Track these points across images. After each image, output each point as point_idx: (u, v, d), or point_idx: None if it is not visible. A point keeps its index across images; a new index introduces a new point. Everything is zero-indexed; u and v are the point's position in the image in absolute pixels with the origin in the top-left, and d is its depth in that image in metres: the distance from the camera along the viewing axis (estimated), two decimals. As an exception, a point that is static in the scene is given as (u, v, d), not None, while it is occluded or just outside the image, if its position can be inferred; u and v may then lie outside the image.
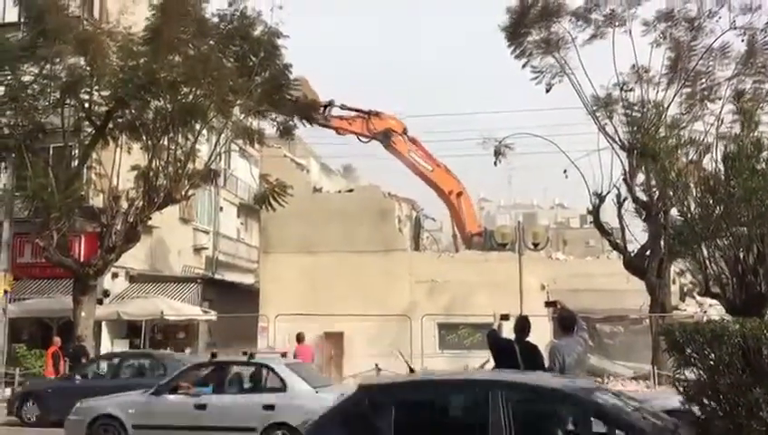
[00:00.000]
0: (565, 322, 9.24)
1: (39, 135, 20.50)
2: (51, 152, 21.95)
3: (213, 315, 24.84)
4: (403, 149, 27.92)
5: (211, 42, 20.10)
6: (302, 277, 24.66)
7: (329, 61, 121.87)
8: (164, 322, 23.61)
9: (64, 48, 19.14)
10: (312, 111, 25.38)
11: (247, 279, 32.50)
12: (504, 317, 10.01)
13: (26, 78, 20.21)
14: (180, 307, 24.03)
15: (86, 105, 20.24)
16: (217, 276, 31.04)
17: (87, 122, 20.70)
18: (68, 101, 20.32)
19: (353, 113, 27.76)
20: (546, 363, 8.97)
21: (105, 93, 19.82)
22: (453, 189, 28.75)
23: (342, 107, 27.44)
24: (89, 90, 19.87)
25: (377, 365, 18.78)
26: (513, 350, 8.98)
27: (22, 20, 21.14)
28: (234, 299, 26.72)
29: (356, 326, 23.23)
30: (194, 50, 19.70)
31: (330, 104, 26.81)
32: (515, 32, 21.95)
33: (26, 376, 20.34)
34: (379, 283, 24.46)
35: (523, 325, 9.34)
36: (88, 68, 19.39)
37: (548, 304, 12.74)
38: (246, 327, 24.08)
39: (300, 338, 17.62)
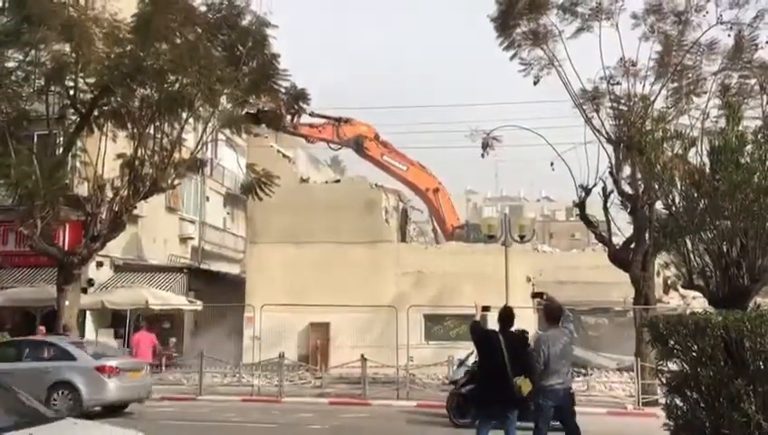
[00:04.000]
0: (551, 313, 9.32)
1: (23, 122, 20.27)
2: (35, 140, 21.72)
3: (198, 305, 24.77)
4: (376, 153, 28.05)
5: (199, 30, 19.94)
6: (288, 268, 24.64)
7: (316, 51, 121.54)
8: (149, 311, 23.53)
9: (49, 34, 18.88)
10: (278, 120, 25.25)
11: (233, 269, 32.43)
12: (486, 309, 10.06)
13: (10, 64, 19.98)
14: (165, 297, 23.95)
15: (71, 92, 20.03)
16: (203, 266, 30.95)
17: (72, 110, 20.50)
18: (53, 88, 20.11)
19: (323, 120, 27.76)
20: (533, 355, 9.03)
21: (90, 81, 19.63)
22: (429, 186, 28.91)
23: (312, 114, 27.34)
24: (74, 77, 19.65)
25: (363, 356, 18.82)
26: (497, 340, 9.03)
27: (5, 5, 20.83)
28: (220, 289, 26.67)
29: (342, 317, 23.25)
30: (181, 38, 19.54)
31: (298, 112, 26.34)
32: (504, 23, 21.92)
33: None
34: (366, 274, 24.49)
35: (506, 316, 9.39)
36: (73, 55, 19.17)
37: (534, 295, 12.83)
38: (232, 317, 24.05)
39: (138, 327, 18.45)
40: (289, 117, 26.07)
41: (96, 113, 20.25)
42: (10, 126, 19.82)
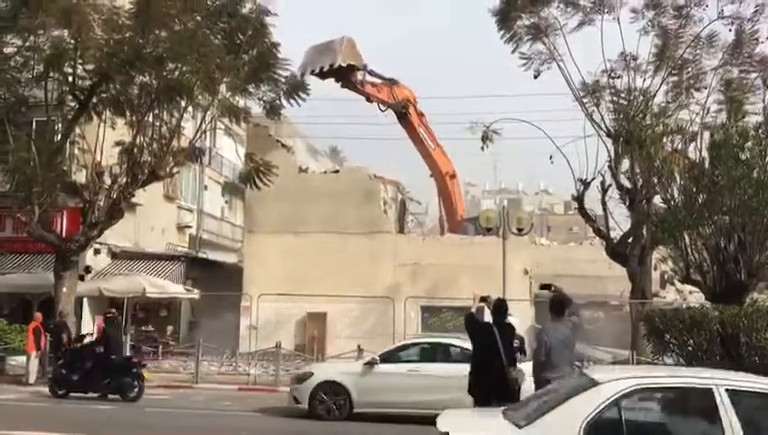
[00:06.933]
0: (556, 305, 9.26)
1: (22, 108, 20.23)
2: (33, 126, 21.67)
3: (196, 294, 24.76)
4: (415, 121, 28.15)
5: (198, 18, 19.83)
6: (285, 257, 24.62)
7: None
8: (146, 299, 23.52)
9: (48, 20, 18.80)
10: (352, 73, 26.40)
11: (231, 258, 32.40)
12: (484, 299, 10.03)
13: (9, 50, 19.89)
14: (163, 285, 23.92)
15: (70, 79, 19.94)
16: (201, 255, 30.90)
17: (71, 96, 20.41)
18: (51, 75, 19.99)
19: (379, 80, 27.87)
20: (534, 346, 9.03)
21: (89, 67, 19.54)
22: (448, 171, 28.87)
23: (371, 73, 27.71)
24: (73, 63, 19.57)
25: (359, 346, 18.84)
26: (492, 332, 9.04)
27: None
28: (217, 278, 26.64)
29: (339, 307, 23.28)
30: (180, 25, 19.44)
31: (364, 69, 27.35)
32: (506, 16, 21.88)
33: (6, 351, 20.21)
34: (363, 264, 24.48)
35: (500, 307, 9.40)
36: (72, 41, 19.08)
37: (543, 286, 12.85)
38: (229, 306, 24.04)
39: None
40: (360, 74, 26.87)
41: (95, 100, 20.18)
42: (9, 112, 19.77)
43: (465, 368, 12.21)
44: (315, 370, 14.15)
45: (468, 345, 13.13)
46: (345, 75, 26.86)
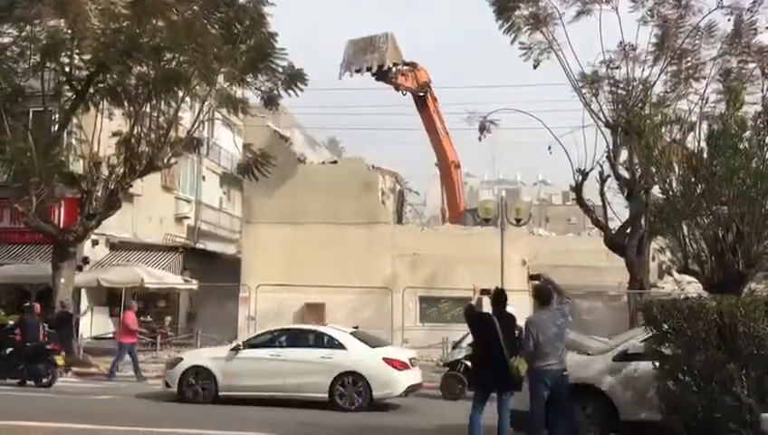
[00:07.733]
0: (541, 294, 9.26)
1: (18, 98, 20.17)
2: (30, 116, 21.62)
3: (194, 284, 24.77)
4: (431, 105, 28.17)
5: (195, 7, 19.77)
6: (284, 248, 24.60)
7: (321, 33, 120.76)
8: (144, 290, 23.52)
9: (44, 9, 18.73)
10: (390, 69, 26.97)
11: (229, 249, 32.41)
12: (485, 292, 9.99)
13: (5, 40, 19.83)
14: (161, 276, 23.93)
15: (67, 69, 19.90)
16: (199, 246, 30.91)
17: (67, 87, 20.38)
18: (48, 65, 19.96)
19: (404, 67, 28.12)
20: (523, 337, 9.02)
21: (86, 57, 19.49)
22: (453, 160, 28.85)
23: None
24: (69, 53, 19.51)
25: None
26: (492, 322, 9.03)
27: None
28: (215, 269, 26.66)
29: (337, 298, 23.26)
30: (178, 15, 19.37)
31: (399, 64, 27.57)
32: (503, 6, 21.78)
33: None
34: (362, 255, 24.46)
35: (499, 297, 9.38)
36: (68, 31, 19.01)
37: (532, 277, 12.85)
38: (227, 297, 24.06)
39: (128, 306, 19.29)
40: (395, 67, 27.20)
41: (92, 90, 20.14)
42: (5, 102, 19.71)
43: (326, 353, 13.48)
44: (185, 355, 14.88)
45: (336, 334, 13.92)
46: (383, 71, 27.11)
